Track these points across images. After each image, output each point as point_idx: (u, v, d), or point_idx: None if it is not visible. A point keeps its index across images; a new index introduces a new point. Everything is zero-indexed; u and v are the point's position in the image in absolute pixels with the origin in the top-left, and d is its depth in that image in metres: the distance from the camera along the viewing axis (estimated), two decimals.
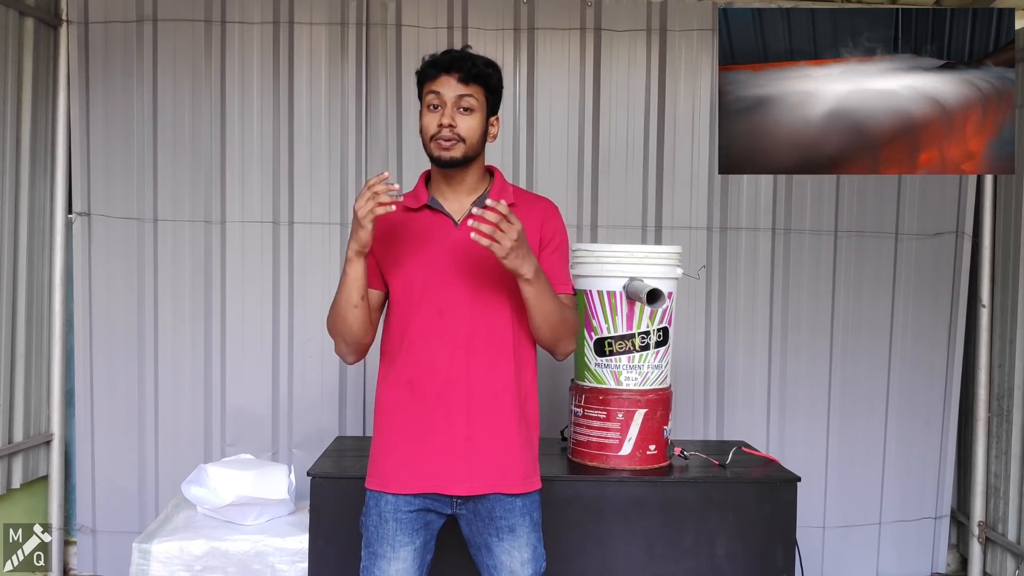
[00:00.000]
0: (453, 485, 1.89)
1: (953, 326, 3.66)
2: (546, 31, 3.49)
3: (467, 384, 1.89)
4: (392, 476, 1.92)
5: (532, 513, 1.96)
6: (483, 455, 1.89)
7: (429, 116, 1.90)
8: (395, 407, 1.93)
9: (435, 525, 1.96)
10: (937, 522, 3.69)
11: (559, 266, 1.98)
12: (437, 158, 1.89)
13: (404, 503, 1.91)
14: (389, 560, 1.91)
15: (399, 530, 1.91)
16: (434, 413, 1.89)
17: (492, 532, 1.93)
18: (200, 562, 2.73)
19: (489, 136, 1.95)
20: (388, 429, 1.95)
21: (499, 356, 1.91)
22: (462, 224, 1.91)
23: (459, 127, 1.87)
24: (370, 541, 1.94)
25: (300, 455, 3.41)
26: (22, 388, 3.25)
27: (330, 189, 3.45)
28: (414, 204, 1.95)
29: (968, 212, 3.63)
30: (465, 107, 1.88)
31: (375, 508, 1.94)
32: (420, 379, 1.90)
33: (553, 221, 1.99)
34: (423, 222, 1.95)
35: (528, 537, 1.94)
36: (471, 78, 1.88)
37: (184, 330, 3.43)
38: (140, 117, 3.41)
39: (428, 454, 1.89)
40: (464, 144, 1.88)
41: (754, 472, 2.63)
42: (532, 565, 1.95)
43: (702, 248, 3.54)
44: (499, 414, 1.91)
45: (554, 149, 3.50)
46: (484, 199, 1.88)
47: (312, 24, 3.43)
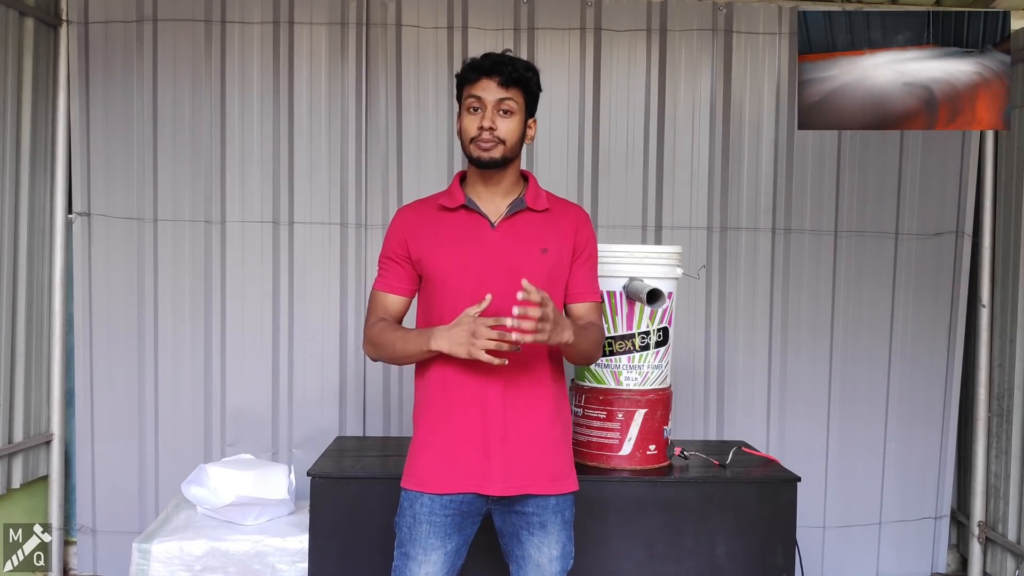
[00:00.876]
0: (489, 485, 1.90)
1: (953, 326, 3.66)
2: (546, 31, 3.49)
3: (503, 385, 1.91)
4: (429, 476, 1.93)
5: (564, 512, 1.98)
6: (519, 455, 1.91)
7: (469, 118, 1.91)
8: (431, 407, 1.95)
9: (469, 530, 1.97)
10: (937, 522, 3.69)
11: (590, 276, 2.03)
12: (477, 159, 1.91)
13: (439, 506, 1.92)
14: (420, 563, 1.92)
15: (432, 533, 1.92)
16: (469, 414, 1.91)
17: (523, 526, 1.95)
18: (200, 562, 2.73)
19: (527, 138, 1.98)
20: (424, 429, 1.96)
21: (534, 357, 1.94)
22: (498, 226, 1.94)
23: (499, 130, 1.89)
24: (403, 542, 1.96)
25: (300, 455, 3.41)
26: (22, 388, 3.25)
27: (330, 189, 3.45)
28: (450, 204, 1.96)
29: (968, 212, 3.63)
30: (505, 110, 1.90)
31: (409, 510, 1.95)
32: (456, 380, 1.91)
33: (586, 230, 2.03)
34: (459, 222, 1.96)
35: (558, 535, 1.97)
36: (511, 82, 1.90)
37: (184, 330, 3.43)
38: (140, 117, 3.41)
39: (464, 454, 1.91)
40: (504, 146, 1.90)
41: (754, 472, 2.63)
42: (560, 562, 1.97)
43: (702, 248, 3.54)
44: (535, 414, 1.94)
45: (554, 149, 3.50)
46: (520, 203, 1.95)
47: (312, 24, 3.43)
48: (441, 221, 1.96)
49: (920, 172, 3.61)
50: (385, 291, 2.01)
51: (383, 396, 3.50)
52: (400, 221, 2.01)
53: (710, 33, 3.52)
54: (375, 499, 2.43)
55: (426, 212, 1.99)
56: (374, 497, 2.44)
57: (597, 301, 2.04)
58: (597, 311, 2.04)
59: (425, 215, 1.98)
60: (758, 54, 3.55)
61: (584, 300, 2.01)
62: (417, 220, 1.99)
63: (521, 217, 1.96)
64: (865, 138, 3.57)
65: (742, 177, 3.56)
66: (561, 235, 1.97)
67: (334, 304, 3.45)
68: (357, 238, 3.47)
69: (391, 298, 2.00)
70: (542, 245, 1.94)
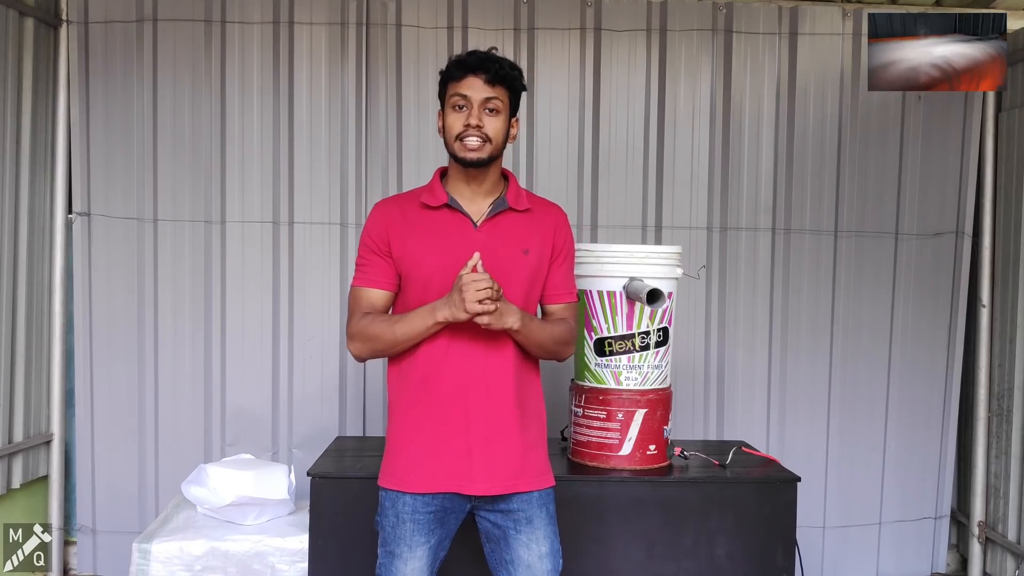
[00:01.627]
0: (472, 485, 1.90)
1: (953, 326, 3.66)
2: (546, 31, 3.49)
3: (484, 385, 1.90)
4: (409, 476, 1.92)
5: (548, 506, 1.99)
6: (502, 455, 1.91)
7: (454, 116, 1.91)
8: (411, 407, 1.94)
9: (452, 524, 1.97)
10: (937, 522, 3.69)
11: (567, 276, 2.04)
12: (463, 159, 1.91)
13: (422, 504, 1.92)
14: (406, 560, 1.92)
15: (416, 531, 1.92)
16: (450, 414, 1.90)
17: (510, 524, 1.95)
18: (200, 562, 2.73)
19: (510, 137, 1.97)
20: (404, 428, 1.95)
21: (515, 357, 1.94)
22: (481, 226, 1.94)
23: (486, 127, 1.89)
24: (387, 541, 1.95)
25: (300, 455, 3.41)
26: (22, 388, 3.25)
27: (330, 189, 3.45)
28: (433, 202, 1.96)
29: (968, 212, 3.64)
30: (491, 108, 1.90)
31: (392, 509, 1.95)
32: (436, 379, 1.91)
33: (564, 231, 2.04)
34: (441, 221, 1.95)
35: (545, 530, 1.96)
36: (497, 80, 1.90)
37: (184, 330, 3.43)
38: (140, 117, 3.41)
39: (446, 454, 1.90)
40: (490, 145, 1.90)
41: (754, 472, 2.63)
42: (550, 560, 1.96)
43: (702, 248, 3.54)
44: (516, 414, 1.93)
45: (554, 149, 3.50)
46: (501, 203, 1.95)
47: (312, 24, 3.43)
48: (423, 219, 1.95)
49: (920, 172, 3.61)
50: (368, 287, 1.96)
51: (383, 396, 3.50)
52: (381, 215, 1.98)
53: (710, 33, 3.52)
54: (375, 499, 2.41)
55: (408, 209, 1.97)
56: (374, 497, 2.41)
57: (573, 301, 2.06)
58: (573, 311, 2.06)
59: (408, 212, 1.96)
60: (758, 54, 3.55)
61: (561, 301, 2.03)
62: (400, 216, 1.95)
63: (503, 217, 1.96)
64: (865, 138, 3.58)
65: (742, 177, 3.56)
66: (542, 236, 1.98)
67: (334, 304, 3.45)
68: (357, 238, 3.44)
69: (375, 293, 1.96)
70: (524, 246, 1.95)
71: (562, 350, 2.02)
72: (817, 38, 3.56)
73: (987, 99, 3.62)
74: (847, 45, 3.56)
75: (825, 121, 3.57)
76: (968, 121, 3.61)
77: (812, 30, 3.56)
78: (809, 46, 3.56)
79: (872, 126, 3.59)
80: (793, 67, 3.56)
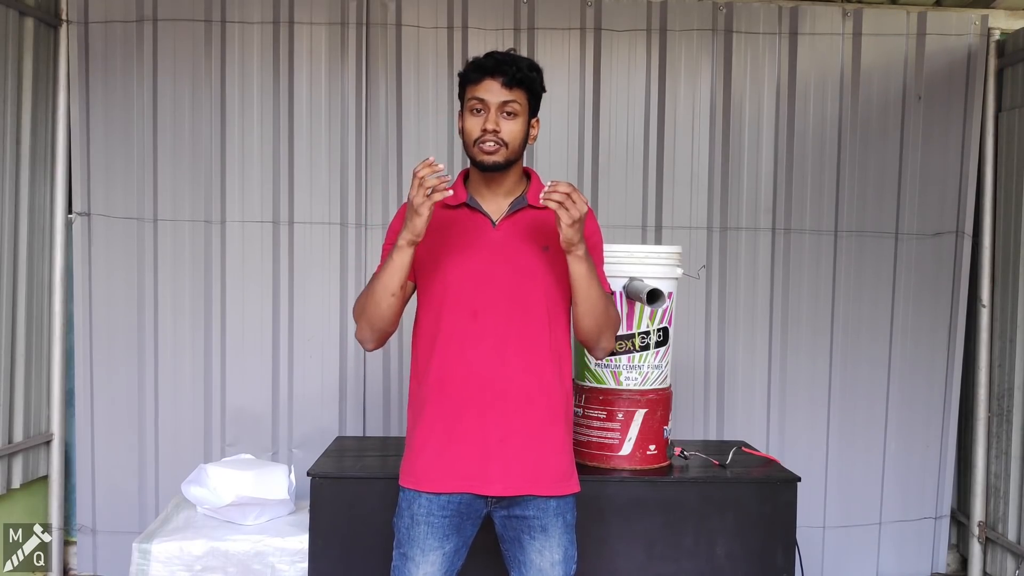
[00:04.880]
0: (487, 485, 1.89)
1: (953, 326, 3.66)
2: (546, 31, 3.49)
3: (501, 385, 1.89)
4: (425, 474, 1.91)
5: (566, 515, 1.96)
6: (518, 456, 1.89)
7: (472, 120, 1.89)
8: (428, 407, 1.93)
9: (468, 532, 1.95)
10: (937, 522, 3.69)
11: (597, 267, 1.98)
12: (480, 163, 1.90)
13: (437, 507, 1.90)
14: (417, 564, 1.91)
15: (430, 534, 1.91)
16: (467, 413, 1.89)
17: (524, 529, 1.93)
18: (200, 562, 2.73)
19: (530, 138, 1.95)
20: (421, 428, 1.94)
21: (534, 357, 1.92)
22: (500, 225, 1.93)
23: (503, 132, 1.87)
24: (401, 542, 1.95)
25: (300, 455, 3.41)
26: (22, 388, 3.25)
27: (330, 189, 3.45)
28: (453, 201, 1.94)
29: (968, 212, 3.63)
30: (509, 112, 1.88)
31: (407, 510, 1.94)
32: (452, 380, 1.90)
33: (591, 223, 2.01)
34: (461, 220, 1.95)
35: (560, 538, 1.95)
36: (515, 83, 1.87)
37: (184, 330, 3.43)
38: (140, 117, 3.41)
39: (462, 454, 1.89)
40: (507, 148, 1.88)
41: (754, 472, 2.63)
42: (562, 567, 1.95)
43: (702, 248, 3.54)
44: (534, 415, 1.91)
45: (554, 149, 3.50)
46: (522, 201, 1.94)
47: (312, 24, 3.43)
48: (443, 218, 1.94)
49: (920, 172, 3.61)
50: None
51: (383, 396, 3.50)
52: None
53: (710, 33, 3.53)
54: (375, 499, 2.43)
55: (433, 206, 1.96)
56: (374, 497, 2.44)
57: (609, 291, 1.99)
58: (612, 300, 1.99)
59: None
60: (758, 54, 3.55)
61: None
62: None
63: (523, 215, 1.95)
64: (865, 138, 3.58)
65: (742, 177, 3.56)
66: None
67: (334, 304, 3.45)
68: (357, 238, 3.47)
69: None
70: (543, 242, 1.93)
71: (608, 328, 1.94)
72: (817, 38, 3.56)
73: (987, 99, 3.62)
74: (847, 45, 3.56)
75: (825, 121, 3.57)
76: (968, 121, 3.61)
77: (812, 30, 3.56)
78: (809, 46, 3.56)
79: (872, 126, 3.59)
80: (793, 67, 3.56)
